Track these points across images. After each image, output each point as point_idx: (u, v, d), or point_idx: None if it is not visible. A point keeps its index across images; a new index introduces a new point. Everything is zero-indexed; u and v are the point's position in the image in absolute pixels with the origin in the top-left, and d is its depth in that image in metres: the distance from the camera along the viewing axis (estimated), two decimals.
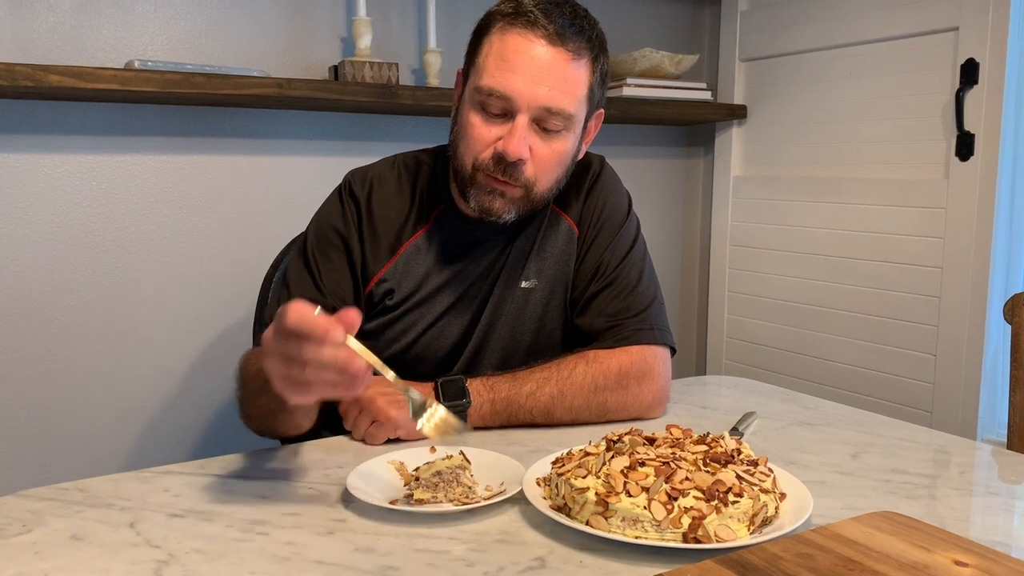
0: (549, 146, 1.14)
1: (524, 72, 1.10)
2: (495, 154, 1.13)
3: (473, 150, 1.15)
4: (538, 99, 1.10)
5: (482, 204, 1.16)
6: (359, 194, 1.25)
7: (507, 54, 1.11)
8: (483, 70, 1.13)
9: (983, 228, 1.88)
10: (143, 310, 1.85)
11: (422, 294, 1.22)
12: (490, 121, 1.13)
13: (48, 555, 0.77)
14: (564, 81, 1.12)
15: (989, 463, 1.08)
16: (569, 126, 1.15)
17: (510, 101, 1.10)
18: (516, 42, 1.11)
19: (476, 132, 1.14)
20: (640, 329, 1.22)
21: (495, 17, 1.14)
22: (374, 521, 0.84)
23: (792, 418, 1.22)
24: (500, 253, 1.25)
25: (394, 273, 1.22)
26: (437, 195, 1.26)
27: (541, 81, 1.10)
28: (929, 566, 0.66)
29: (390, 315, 1.23)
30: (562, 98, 1.11)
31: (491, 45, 1.13)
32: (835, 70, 2.20)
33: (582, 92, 1.15)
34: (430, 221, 1.25)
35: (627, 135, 2.51)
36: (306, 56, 1.98)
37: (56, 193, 1.75)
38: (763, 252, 2.42)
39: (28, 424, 1.76)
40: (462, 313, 1.25)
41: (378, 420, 1.07)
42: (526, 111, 1.11)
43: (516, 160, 1.12)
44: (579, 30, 1.13)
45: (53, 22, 1.70)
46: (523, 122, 1.11)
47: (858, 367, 2.18)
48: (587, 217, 1.29)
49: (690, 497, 0.78)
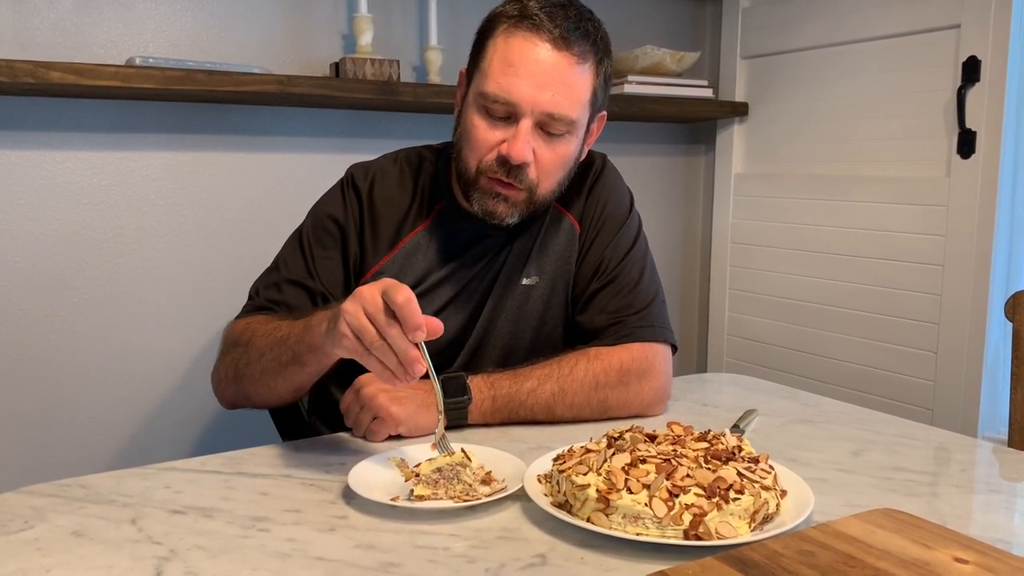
0: (552, 150, 1.14)
1: (528, 77, 1.10)
2: (499, 157, 1.13)
3: (477, 153, 1.15)
4: (542, 104, 1.10)
5: (485, 207, 1.17)
6: (361, 187, 1.26)
7: (512, 58, 1.11)
8: (487, 74, 1.13)
9: (984, 226, 1.88)
10: (144, 306, 1.85)
11: (421, 289, 1.22)
12: (494, 124, 1.13)
13: (50, 551, 0.77)
14: (568, 86, 1.12)
15: (990, 460, 1.08)
16: (572, 130, 1.15)
17: (514, 106, 1.11)
18: (521, 46, 1.11)
19: (480, 135, 1.14)
20: (641, 326, 1.22)
21: (500, 19, 1.14)
22: (375, 518, 0.84)
23: (793, 415, 1.22)
24: (501, 250, 1.25)
25: (392, 266, 1.23)
26: (439, 191, 1.26)
27: (545, 86, 1.10)
28: (930, 563, 0.66)
29: None
30: (566, 103, 1.12)
31: (495, 48, 1.13)
32: (837, 67, 2.20)
33: (586, 96, 1.15)
34: (431, 217, 1.25)
35: (628, 132, 2.51)
36: (307, 53, 1.97)
37: (57, 190, 1.75)
38: (764, 249, 2.41)
39: (30, 421, 1.76)
40: (461, 309, 1.25)
41: (379, 417, 1.07)
42: (530, 115, 1.11)
43: (520, 164, 1.12)
44: (584, 33, 1.12)
45: (54, 19, 1.70)
46: (527, 126, 1.11)
47: (859, 364, 2.18)
48: (589, 215, 1.29)
49: (691, 494, 0.78)
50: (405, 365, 0.89)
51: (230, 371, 1.15)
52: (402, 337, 0.88)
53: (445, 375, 1.13)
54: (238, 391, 1.15)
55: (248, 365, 1.11)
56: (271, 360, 1.07)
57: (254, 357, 1.10)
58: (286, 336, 1.06)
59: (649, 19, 2.48)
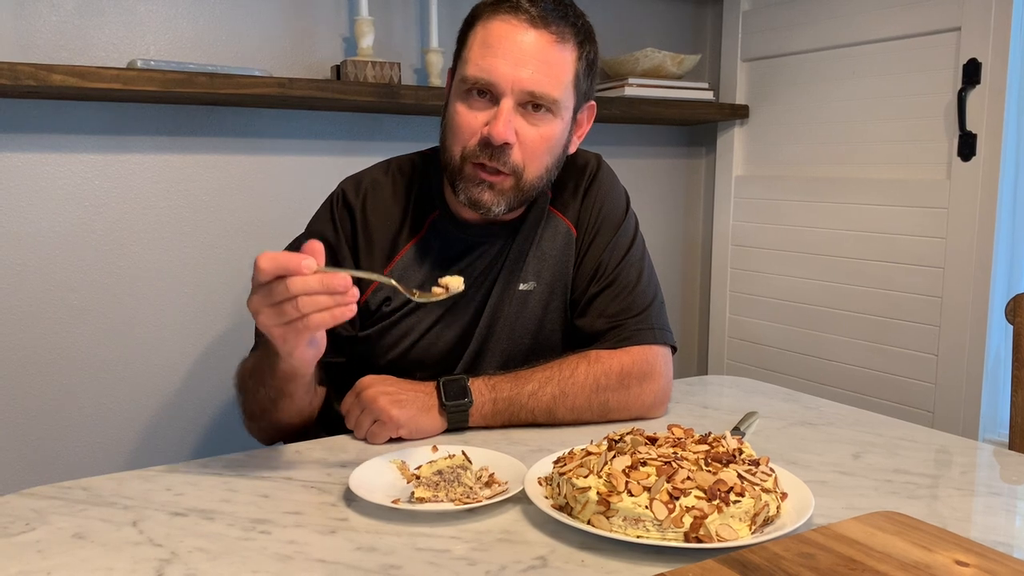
0: (536, 130, 1.13)
1: (507, 56, 1.09)
2: (481, 140, 1.11)
3: (461, 139, 1.14)
4: (521, 82, 1.09)
5: (471, 196, 1.15)
6: (354, 203, 1.24)
7: (490, 40, 1.11)
8: (468, 60, 1.13)
9: (985, 228, 1.88)
10: (145, 309, 1.85)
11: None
12: (476, 109, 1.12)
13: (51, 554, 0.77)
14: (548, 64, 1.11)
15: (991, 463, 1.08)
16: (556, 111, 1.14)
17: (494, 86, 1.10)
18: (499, 28, 1.11)
19: (462, 120, 1.13)
20: (641, 329, 1.22)
21: (480, 8, 1.15)
22: (376, 520, 0.84)
23: (794, 418, 1.22)
24: (497, 256, 1.25)
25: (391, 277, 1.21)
26: (431, 200, 1.25)
27: (524, 64, 1.09)
28: (930, 566, 0.66)
29: (387, 321, 1.22)
30: (546, 81, 1.11)
31: (475, 36, 1.13)
32: (837, 70, 2.20)
33: (567, 77, 1.14)
34: (425, 227, 1.24)
35: (629, 135, 2.51)
36: (308, 56, 1.98)
37: (58, 192, 1.75)
38: (765, 252, 2.42)
39: (30, 423, 1.76)
40: (460, 317, 1.24)
41: (380, 420, 1.07)
42: (510, 94, 1.10)
43: (503, 144, 1.10)
44: (563, 14, 1.12)
45: (56, 22, 1.71)
46: (508, 105, 1.10)
47: (860, 367, 2.18)
48: (585, 218, 1.28)
49: (692, 496, 0.78)
50: (330, 287, 0.88)
51: (246, 415, 1.17)
52: (301, 279, 0.87)
53: (446, 378, 1.13)
54: (262, 429, 1.18)
55: (253, 406, 1.14)
56: (263, 398, 1.10)
57: (252, 399, 1.13)
58: (259, 370, 1.08)
59: (650, 21, 2.48)
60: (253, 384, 1.11)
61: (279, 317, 0.89)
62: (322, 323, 0.89)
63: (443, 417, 1.11)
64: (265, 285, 0.89)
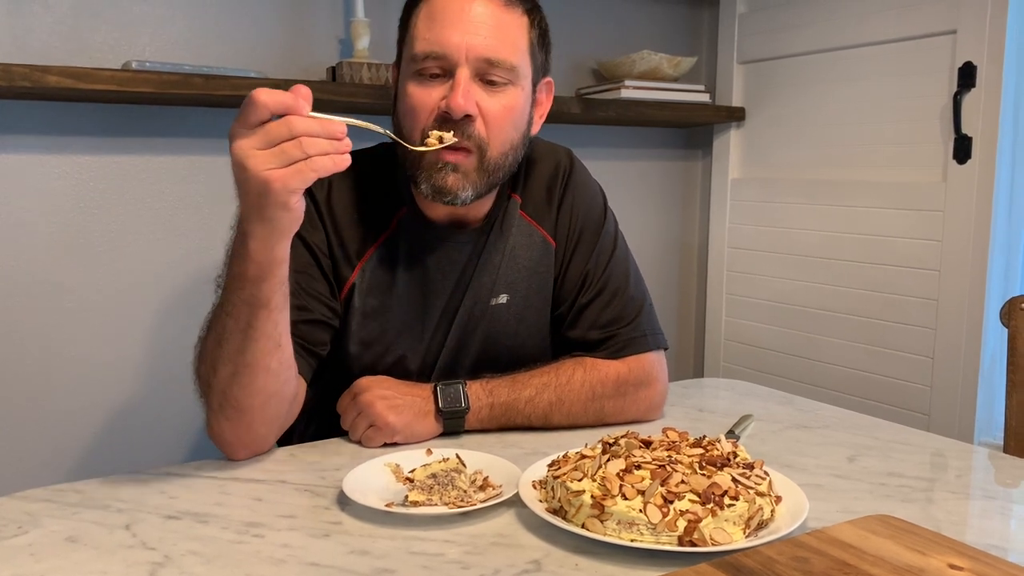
0: (498, 101, 1.06)
1: (456, 24, 1.03)
2: (439, 115, 1.04)
3: (418, 122, 1.05)
4: (476, 49, 1.03)
5: (434, 184, 1.06)
6: (318, 195, 1.15)
7: (435, 13, 1.05)
8: (415, 38, 1.06)
9: (980, 231, 1.89)
10: (140, 311, 1.85)
11: (388, 305, 1.16)
12: (429, 85, 1.05)
13: (44, 557, 0.77)
14: (500, 29, 1.05)
15: (986, 466, 1.08)
16: (515, 80, 1.07)
17: (446, 58, 1.03)
18: (443, 2, 1.06)
19: (416, 100, 1.05)
20: (635, 337, 1.20)
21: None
22: (369, 523, 0.84)
23: (789, 421, 1.22)
24: (467, 265, 1.18)
25: (362, 280, 1.16)
26: (398, 195, 1.17)
27: (476, 31, 1.03)
28: (924, 570, 0.67)
29: (360, 320, 1.17)
30: (501, 47, 1.05)
31: (418, 15, 1.08)
32: (833, 72, 2.20)
33: (522, 44, 1.08)
34: (392, 225, 1.17)
35: (625, 137, 2.51)
36: (304, 57, 1.97)
37: (53, 194, 1.74)
38: (761, 255, 2.42)
39: (24, 425, 1.76)
40: (428, 329, 1.18)
41: (376, 425, 1.06)
42: (465, 64, 1.03)
43: (463, 116, 1.03)
44: None
45: (51, 22, 1.70)
46: (464, 75, 1.03)
47: (855, 370, 2.18)
48: (563, 227, 1.23)
49: (686, 500, 0.78)
50: (328, 131, 0.84)
51: (210, 407, 1.00)
52: (303, 119, 0.82)
53: (443, 382, 1.12)
54: (229, 419, 0.99)
55: (219, 367, 0.97)
56: (230, 349, 0.95)
57: (217, 359, 0.97)
58: (224, 303, 0.96)
59: (646, 24, 2.48)
60: (212, 346, 0.98)
61: (279, 158, 0.82)
62: (324, 168, 0.83)
63: (439, 423, 1.10)
64: (259, 126, 0.82)
